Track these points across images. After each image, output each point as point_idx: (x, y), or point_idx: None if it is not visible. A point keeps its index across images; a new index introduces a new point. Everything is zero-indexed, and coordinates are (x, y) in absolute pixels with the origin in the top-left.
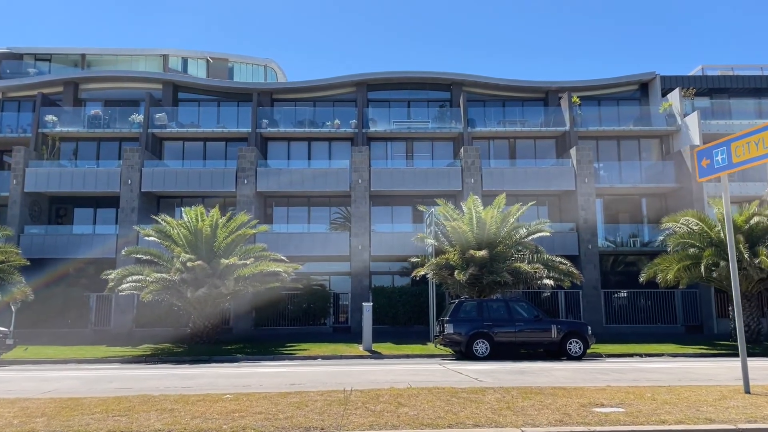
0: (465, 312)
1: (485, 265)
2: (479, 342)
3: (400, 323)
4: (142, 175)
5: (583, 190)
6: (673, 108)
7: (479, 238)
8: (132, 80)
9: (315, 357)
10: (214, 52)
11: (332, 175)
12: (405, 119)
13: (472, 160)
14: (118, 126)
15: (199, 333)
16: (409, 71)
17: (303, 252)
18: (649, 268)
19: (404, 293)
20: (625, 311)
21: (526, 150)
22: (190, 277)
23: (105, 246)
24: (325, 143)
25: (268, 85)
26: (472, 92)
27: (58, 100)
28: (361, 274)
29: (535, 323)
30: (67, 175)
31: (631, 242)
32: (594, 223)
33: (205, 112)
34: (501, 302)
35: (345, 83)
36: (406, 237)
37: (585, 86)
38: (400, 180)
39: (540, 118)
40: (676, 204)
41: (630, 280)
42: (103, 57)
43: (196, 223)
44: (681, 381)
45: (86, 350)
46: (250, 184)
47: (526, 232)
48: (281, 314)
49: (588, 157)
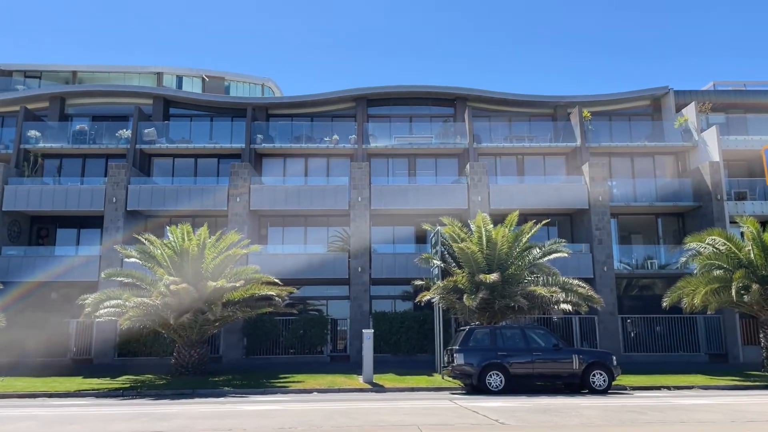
0: (476, 340)
1: (496, 289)
2: (493, 374)
3: (402, 351)
4: (128, 193)
5: (598, 209)
6: (689, 123)
7: (490, 259)
8: (121, 95)
9: (310, 390)
10: (210, 70)
11: (330, 193)
12: (407, 134)
13: (479, 177)
14: (105, 142)
15: (184, 363)
16: (411, 85)
17: (299, 275)
18: (673, 292)
19: (407, 319)
20: (643, 339)
21: (534, 167)
22: (174, 302)
23: (87, 268)
24: (323, 160)
25: (264, 100)
26: (476, 107)
27: (44, 115)
28: (360, 298)
29: (555, 353)
30: (48, 192)
31: (648, 264)
32: (609, 243)
33: (198, 127)
34: (516, 329)
35: (344, 98)
36: (409, 258)
37: (595, 101)
38: (402, 197)
39: (548, 134)
40: (694, 224)
41: (646, 305)
42: (95, 74)
43: (182, 242)
44: (735, 422)
45: (60, 382)
46: (243, 202)
47: (541, 252)
48: (275, 342)
49: (602, 173)
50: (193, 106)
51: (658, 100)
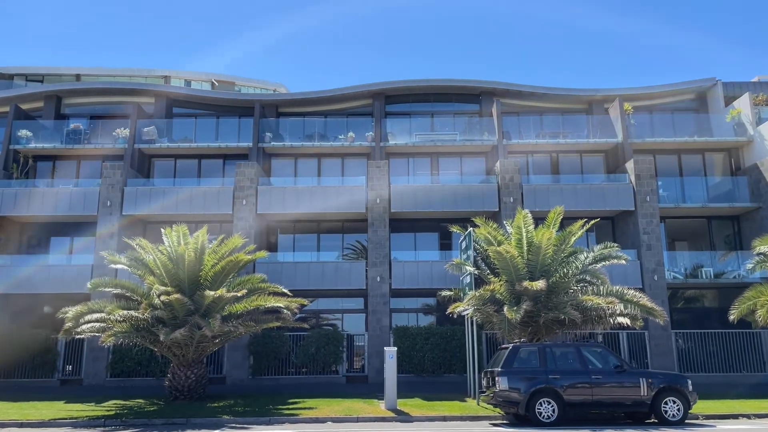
0: (522, 361)
1: (540, 300)
2: (544, 402)
3: (427, 371)
4: (124, 196)
5: (645, 211)
6: (742, 116)
7: (532, 265)
8: (121, 93)
9: (323, 419)
10: (219, 75)
11: (345, 194)
12: (428, 132)
13: (510, 176)
14: (101, 141)
15: (179, 386)
16: (433, 79)
17: (311, 285)
18: (741, 303)
19: (432, 335)
20: (698, 357)
21: (570, 165)
22: (166, 315)
23: (79, 279)
24: (337, 160)
25: (274, 97)
26: (503, 102)
27: (40, 116)
28: (379, 311)
29: (617, 376)
30: (37, 196)
31: (702, 273)
32: (659, 249)
33: (202, 126)
34: (569, 348)
35: (360, 94)
36: (434, 267)
37: (634, 95)
38: (424, 199)
39: (584, 130)
40: (751, 227)
41: (695, 318)
42: (99, 77)
43: (178, 247)
44: None
45: (37, 408)
46: (250, 205)
47: (591, 258)
48: (284, 360)
49: (649, 171)
50: (197, 105)
51: (703, 93)
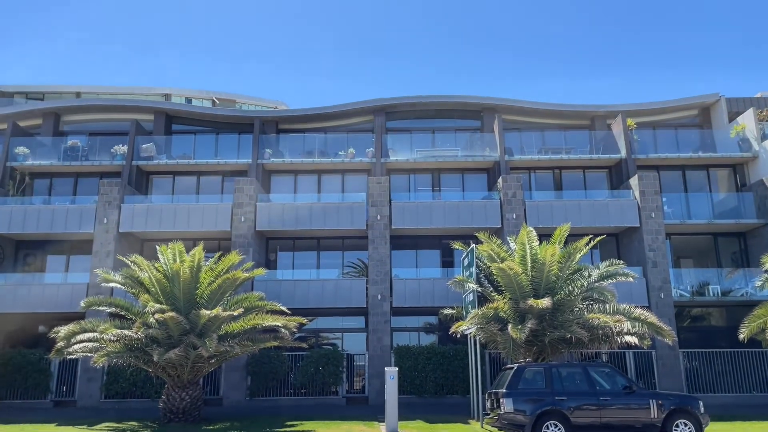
0: (527, 381)
1: (545, 318)
2: (551, 425)
3: (428, 392)
4: (121, 213)
5: (650, 227)
6: (746, 132)
7: (536, 282)
8: (120, 110)
9: None
10: (220, 93)
11: (346, 211)
12: (430, 148)
13: (513, 192)
14: (99, 158)
15: (173, 408)
16: (434, 95)
17: (311, 303)
18: (752, 322)
19: (434, 354)
20: (707, 377)
21: (573, 182)
22: (160, 335)
23: (74, 298)
24: (337, 176)
25: (273, 113)
26: (506, 119)
27: (38, 133)
28: (380, 330)
29: (626, 397)
30: (33, 213)
31: (709, 291)
32: (665, 266)
33: (201, 143)
34: (576, 368)
35: (361, 110)
36: (436, 284)
37: (637, 111)
38: (426, 216)
39: (586, 146)
40: (758, 244)
41: (702, 337)
42: (100, 95)
43: (173, 264)
44: None
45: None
46: (248, 222)
47: (598, 275)
48: (283, 381)
49: (654, 187)
50: (197, 122)
51: (706, 110)
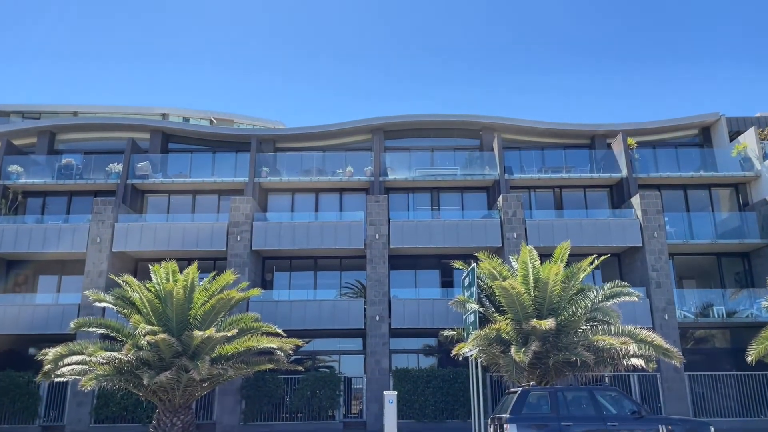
0: (531, 406)
1: (548, 339)
2: None
3: (428, 417)
4: (115, 232)
5: (653, 247)
6: (748, 151)
7: (539, 302)
8: (116, 129)
9: None
10: (218, 112)
11: (344, 230)
12: (428, 167)
13: (513, 211)
14: (94, 177)
15: None
16: (433, 114)
17: (307, 325)
18: (759, 343)
19: (434, 377)
20: (713, 401)
21: (573, 201)
22: (151, 357)
23: (65, 318)
24: (335, 195)
25: (271, 132)
26: (505, 137)
27: (33, 152)
28: (378, 352)
29: (635, 423)
30: (24, 232)
31: (713, 312)
32: (669, 287)
33: (198, 161)
34: (582, 392)
35: (359, 129)
36: (435, 305)
37: (637, 129)
38: (425, 235)
39: (586, 165)
40: (763, 264)
41: (707, 359)
42: (96, 114)
43: (166, 284)
44: None
45: None
46: (244, 241)
47: (602, 295)
48: (279, 405)
49: (656, 206)
50: (194, 141)
51: (707, 129)
